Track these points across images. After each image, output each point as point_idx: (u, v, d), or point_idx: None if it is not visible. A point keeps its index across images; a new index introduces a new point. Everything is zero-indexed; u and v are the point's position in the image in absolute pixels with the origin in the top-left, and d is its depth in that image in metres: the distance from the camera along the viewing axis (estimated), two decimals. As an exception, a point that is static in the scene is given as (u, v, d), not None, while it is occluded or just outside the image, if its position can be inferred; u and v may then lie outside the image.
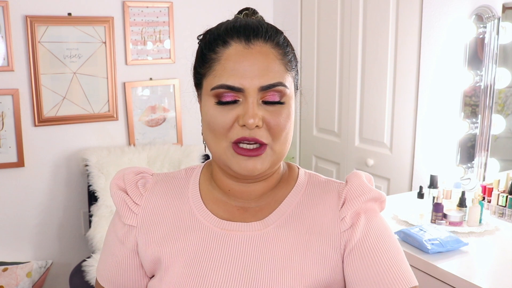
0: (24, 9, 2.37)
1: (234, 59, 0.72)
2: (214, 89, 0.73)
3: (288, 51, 0.77)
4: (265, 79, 0.72)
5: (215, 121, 0.73)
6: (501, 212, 1.74)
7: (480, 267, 1.44)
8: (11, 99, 2.38)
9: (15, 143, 2.42)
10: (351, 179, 0.82)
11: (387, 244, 0.78)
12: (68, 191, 2.61)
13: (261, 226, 0.79)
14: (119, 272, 0.84)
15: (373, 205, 0.82)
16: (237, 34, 0.73)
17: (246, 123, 0.71)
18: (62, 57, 2.48)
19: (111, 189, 0.85)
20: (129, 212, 0.83)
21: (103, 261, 0.87)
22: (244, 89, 0.71)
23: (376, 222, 0.80)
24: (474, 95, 1.90)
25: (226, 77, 0.72)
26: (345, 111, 2.54)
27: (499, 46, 1.80)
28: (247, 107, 0.71)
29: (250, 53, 0.72)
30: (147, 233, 0.81)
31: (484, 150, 1.89)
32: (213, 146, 0.76)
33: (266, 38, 0.74)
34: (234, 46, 0.73)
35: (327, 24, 2.62)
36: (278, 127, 0.73)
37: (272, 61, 0.73)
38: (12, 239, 2.51)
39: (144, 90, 2.70)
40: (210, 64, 0.75)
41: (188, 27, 2.72)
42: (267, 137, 0.73)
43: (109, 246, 0.86)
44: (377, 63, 2.30)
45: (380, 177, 2.34)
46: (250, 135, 0.72)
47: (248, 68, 0.72)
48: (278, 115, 0.73)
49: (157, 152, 2.59)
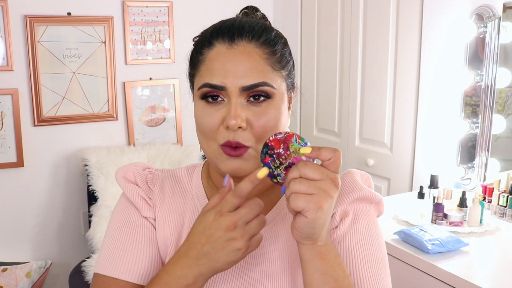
0: (23, 9, 2.37)
1: (217, 59, 0.73)
2: (200, 89, 0.74)
3: (276, 50, 0.74)
4: (247, 79, 0.71)
5: (203, 122, 0.74)
6: (502, 212, 1.74)
7: (480, 267, 1.44)
8: (10, 99, 2.38)
9: (14, 143, 2.42)
10: (344, 177, 0.81)
11: (368, 249, 0.76)
12: (68, 191, 2.61)
13: None
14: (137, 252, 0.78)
15: (367, 207, 0.80)
16: (222, 35, 0.73)
17: (228, 125, 0.70)
18: (61, 57, 2.47)
19: (120, 182, 0.83)
20: (146, 205, 0.82)
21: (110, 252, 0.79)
22: (227, 87, 0.71)
23: (363, 224, 0.78)
24: (475, 95, 1.90)
25: (209, 77, 0.72)
26: (345, 111, 2.54)
27: (499, 46, 1.80)
28: (230, 107, 0.71)
29: (233, 53, 0.72)
30: (159, 229, 0.81)
31: (485, 150, 1.88)
32: (204, 146, 0.77)
33: (250, 37, 0.73)
34: (217, 47, 0.73)
35: (327, 24, 2.61)
36: (262, 128, 0.72)
37: (255, 61, 0.72)
38: (11, 239, 2.50)
39: (144, 90, 2.70)
40: (197, 65, 0.76)
41: (188, 27, 2.72)
42: (250, 139, 0.72)
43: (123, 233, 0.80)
44: (378, 63, 2.30)
45: (380, 177, 2.34)
46: (234, 138, 0.71)
47: (231, 68, 0.71)
48: (264, 115, 0.72)
49: (157, 152, 2.58)
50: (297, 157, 0.66)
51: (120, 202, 0.85)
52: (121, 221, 0.82)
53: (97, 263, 0.79)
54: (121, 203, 0.84)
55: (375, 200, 0.81)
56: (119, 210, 0.84)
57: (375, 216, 0.81)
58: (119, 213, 0.83)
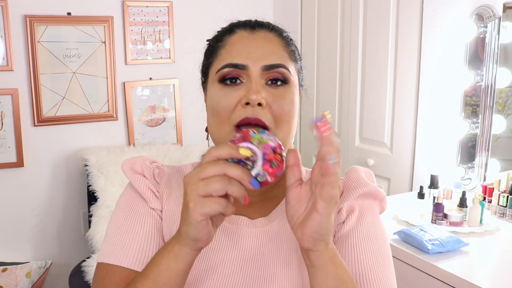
0: (23, 9, 2.36)
1: (238, 42, 0.76)
2: (220, 70, 0.74)
3: (291, 44, 0.80)
4: (268, 59, 0.73)
5: (219, 103, 0.73)
6: (502, 212, 1.74)
7: (480, 267, 1.44)
8: (10, 99, 2.38)
9: (14, 143, 2.42)
10: (349, 173, 0.82)
11: (374, 246, 0.76)
12: (68, 191, 2.60)
13: (265, 222, 0.79)
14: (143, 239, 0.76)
15: (371, 203, 0.80)
16: (243, 25, 0.78)
17: (249, 99, 0.70)
18: (61, 56, 2.47)
19: (128, 173, 0.82)
20: (154, 197, 0.81)
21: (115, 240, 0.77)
22: (248, 66, 0.72)
23: (368, 221, 0.78)
24: (475, 95, 1.90)
25: (230, 57, 0.74)
26: (345, 111, 2.54)
27: (499, 46, 1.80)
28: (251, 85, 0.72)
29: (255, 38, 0.76)
30: (165, 222, 0.80)
31: (485, 150, 1.88)
32: (215, 132, 0.76)
33: (270, 28, 0.78)
34: (239, 33, 0.77)
35: (327, 24, 2.61)
36: (282, 110, 0.73)
37: (275, 46, 0.76)
38: (11, 239, 2.50)
39: (144, 90, 2.70)
40: (216, 51, 0.78)
41: (188, 27, 2.72)
42: (270, 120, 0.72)
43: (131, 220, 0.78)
44: (378, 63, 2.29)
45: (380, 177, 2.34)
46: (253, 114, 0.70)
47: (253, 50, 0.74)
48: (281, 98, 0.73)
49: (157, 152, 2.58)
50: (264, 145, 0.62)
51: (125, 192, 0.83)
52: (127, 211, 0.80)
53: (101, 253, 0.77)
54: (127, 193, 0.83)
55: (379, 196, 0.81)
56: (124, 200, 0.82)
57: (378, 212, 0.82)
58: (124, 202, 0.82)
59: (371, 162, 2.37)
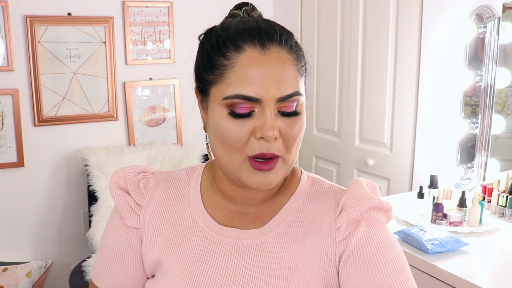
0: (24, 9, 2.37)
1: (249, 66, 0.67)
2: (228, 99, 0.68)
3: (301, 55, 0.73)
4: (283, 89, 0.67)
5: (230, 134, 0.68)
6: (501, 212, 1.74)
7: (480, 267, 1.44)
8: (11, 99, 2.38)
9: (15, 143, 2.42)
10: (351, 186, 0.78)
11: (390, 253, 0.72)
12: (68, 191, 2.61)
13: (259, 234, 0.76)
14: (120, 272, 0.81)
15: (377, 215, 0.77)
16: (250, 38, 0.68)
17: (265, 136, 0.67)
18: (62, 57, 2.48)
19: (111, 189, 0.82)
20: (131, 214, 0.81)
21: (100, 262, 0.84)
22: (262, 99, 0.67)
23: (378, 231, 0.74)
24: (474, 95, 1.90)
25: (241, 87, 0.67)
26: (345, 111, 2.54)
27: (499, 46, 1.80)
28: (265, 118, 0.67)
29: (267, 59, 0.67)
30: (149, 235, 0.80)
31: (484, 150, 1.88)
32: (224, 159, 0.72)
33: (281, 42, 0.69)
34: (249, 52, 0.67)
35: (327, 24, 2.61)
36: (293, 138, 0.71)
37: (288, 68, 0.69)
38: (12, 239, 2.50)
39: (144, 90, 2.70)
40: (221, 70, 0.69)
41: (188, 27, 2.72)
42: (281, 149, 0.70)
43: (109, 246, 0.83)
44: (377, 63, 2.30)
45: (380, 177, 2.34)
46: (269, 150, 0.68)
47: (266, 77, 0.66)
48: (293, 126, 0.70)
49: (157, 152, 2.59)
50: None
51: (113, 209, 0.86)
52: (109, 231, 0.84)
53: (92, 269, 0.86)
54: (113, 211, 0.85)
55: (384, 208, 0.78)
56: (110, 218, 0.86)
57: (385, 222, 0.79)
58: (109, 221, 0.86)
59: (371, 162, 2.38)
